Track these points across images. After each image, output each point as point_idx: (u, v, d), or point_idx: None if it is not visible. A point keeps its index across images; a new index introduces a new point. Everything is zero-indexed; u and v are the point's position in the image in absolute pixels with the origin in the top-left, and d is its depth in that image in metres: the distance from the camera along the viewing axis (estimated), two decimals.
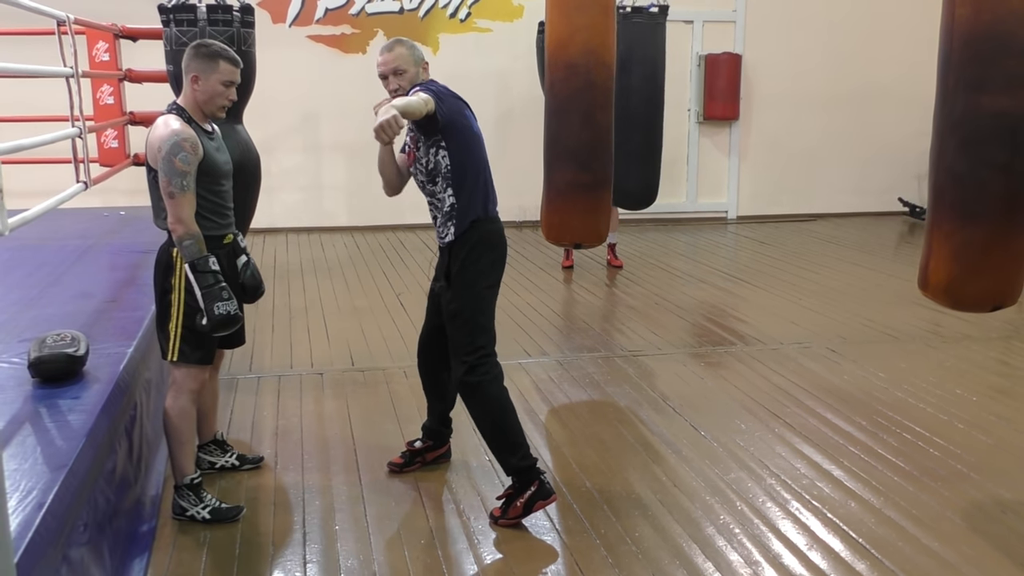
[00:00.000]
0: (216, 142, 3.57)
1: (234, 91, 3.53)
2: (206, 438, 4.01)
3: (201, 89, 3.46)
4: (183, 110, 3.47)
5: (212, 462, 4.02)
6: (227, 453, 4.06)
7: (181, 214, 3.35)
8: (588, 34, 5.30)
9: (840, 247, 9.38)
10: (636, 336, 6.17)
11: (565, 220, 5.65)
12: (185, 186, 3.35)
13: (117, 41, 6.88)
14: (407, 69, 3.57)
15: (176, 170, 3.32)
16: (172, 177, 3.33)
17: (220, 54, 3.48)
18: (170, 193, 3.34)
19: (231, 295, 3.42)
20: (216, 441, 4.05)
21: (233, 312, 3.40)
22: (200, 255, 3.37)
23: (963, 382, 5.21)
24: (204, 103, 3.47)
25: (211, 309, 3.36)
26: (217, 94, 3.47)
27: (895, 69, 10.75)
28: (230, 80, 3.49)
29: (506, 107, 10.17)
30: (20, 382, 3.30)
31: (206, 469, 3.96)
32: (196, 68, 3.45)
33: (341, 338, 6.08)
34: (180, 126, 3.38)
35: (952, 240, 3.69)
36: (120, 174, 6.85)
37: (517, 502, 3.56)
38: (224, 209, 3.59)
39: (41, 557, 2.27)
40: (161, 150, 3.33)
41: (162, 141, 3.33)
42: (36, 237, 5.72)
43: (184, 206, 3.35)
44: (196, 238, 3.37)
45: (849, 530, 3.54)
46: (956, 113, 3.61)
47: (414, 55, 3.59)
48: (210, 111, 3.51)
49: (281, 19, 9.89)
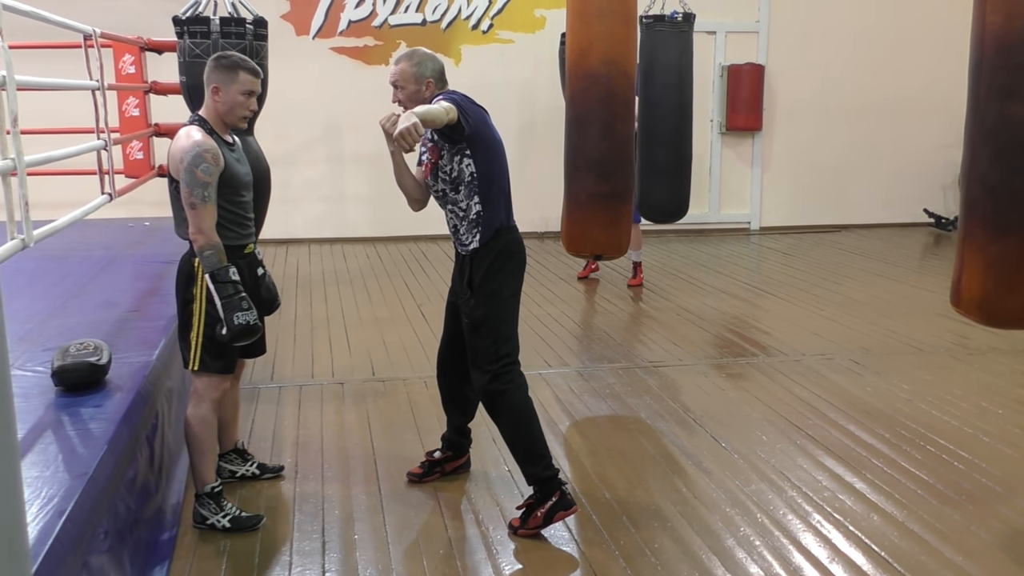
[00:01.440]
0: (237, 153, 3.60)
1: (254, 102, 3.56)
2: (227, 447, 4.03)
3: (222, 100, 3.49)
4: (205, 121, 3.50)
5: (233, 471, 4.04)
6: (248, 462, 4.07)
7: (202, 225, 3.38)
8: (609, 44, 5.31)
9: (864, 258, 9.31)
10: (657, 347, 6.15)
11: (585, 231, 5.65)
12: (206, 197, 3.37)
13: (143, 54, 6.96)
14: (406, 86, 3.57)
15: (198, 181, 3.35)
16: (194, 188, 3.35)
17: (240, 65, 3.50)
18: (191, 204, 3.37)
19: (251, 305, 3.43)
20: (237, 450, 4.07)
21: (253, 322, 3.41)
22: (220, 265, 3.39)
23: (989, 395, 5.15)
24: (225, 114, 3.50)
25: (231, 319, 3.37)
26: (237, 104, 3.50)
27: (920, 79, 10.68)
28: (250, 90, 3.51)
29: (528, 118, 10.20)
30: (43, 390, 3.33)
31: (227, 478, 3.98)
32: (216, 79, 3.48)
33: (362, 348, 6.10)
34: (202, 137, 3.41)
35: (985, 253, 3.58)
36: (145, 185, 6.92)
37: (538, 512, 3.54)
38: (244, 219, 3.62)
39: (61, 564, 2.29)
40: (183, 161, 3.36)
41: (184, 152, 3.36)
42: (61, 248, 5.78)
43: (205, 217, 3.38)
44: (216, 248, 3.39)
45: (871, 543, 3.50)
46: (988, 122, 3.51)
47: (417, 72, 3.56)
48: (231, 121, 3.53)
49: (305, 31, 9.97)
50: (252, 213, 3.68)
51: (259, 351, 3.89)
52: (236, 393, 4.04)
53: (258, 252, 3.79)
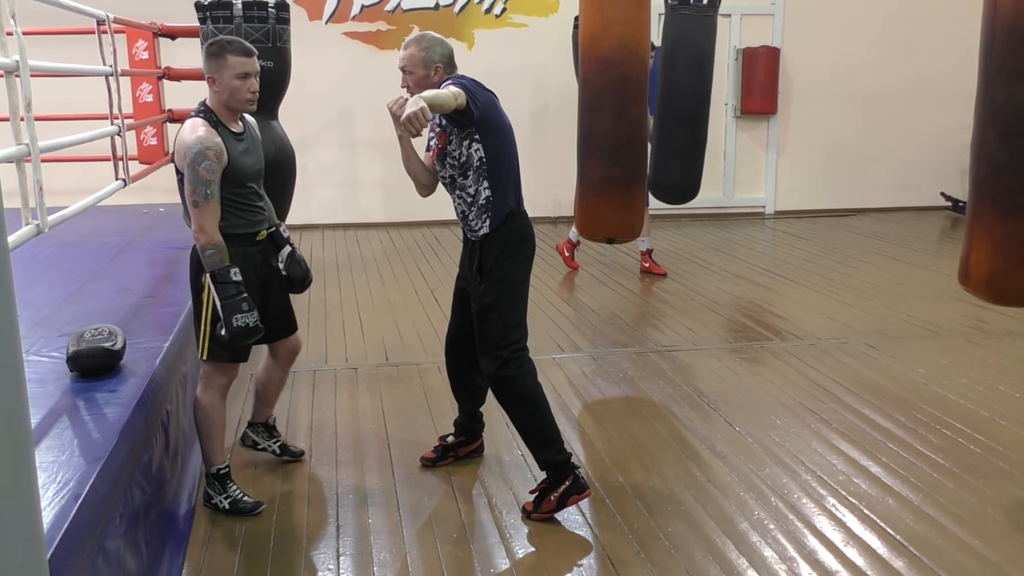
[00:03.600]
0: (245, 143, 3.54)
1: (254, 81, 3.47)
2: (259, 419, 4.08)
3: (219, 88, 3.44)
4: (211, 112, 3.46)
5: (256, 441, 4.08)
6: (272, 439, 4.10)
7: (204, 223, 3.35)
8: (622, 27, 5.28)
9: (880, 242, 9.25)
10: (671, 331, 6.14)
11: (598, 215, 5.64)
12: (209, 195, 3.35)
13: (156, 39, 6.97)
14: (414, 71, 3.56)
15: (200, 179, 3.33)
16: (196, 186, 3.33)
17: (226, 48, 3.42)
18: (194, 202, 3.34)
19: (252, 307, 3.40)
20: (266, 424, 4.10)
21: (252, 324, 3.39)
22: (221, 265, 3.36)
23: (1006, 378, 5.12)
24: (228, 101, 3.45)
25: (230, 321, 3.36)
26: (235, 89, 3.43)
27: (937, 62, 10.58)
28: (243, 72, 3.42)
29: (541, 102, 10.16)
30: (59, 376, 3.35)
31: (249, 446, 4.06)
32: (209, 69, 3.44)
33: (376, 333, 6.11)
34: (205, 132, 3.36)
35: (994, 233, 3.62)
36: (159, 171, 6.93)
37: (551, 496, 3.55)
38: (253, 207, 3.59)
39: (77, 547, 2.30)
40: (186, 157, 3.34)
41: (187, 148, 3.33)
42: (76, 234, 5.81)
43: (207, 215, 3.35)
44: (218, 248, 3.36)
45: (887, 527, 3.49)
46: (997, 104, 3.54)
47: (425, 57, 3.54)
48: (237, 107, 3.48)
49: (317, 16, 9.95)
50: (262, 201, 3.67)
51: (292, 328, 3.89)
52: (286, 376, 4.05)
53: (284, 231, 3.77)
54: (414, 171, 3.75)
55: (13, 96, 3.23)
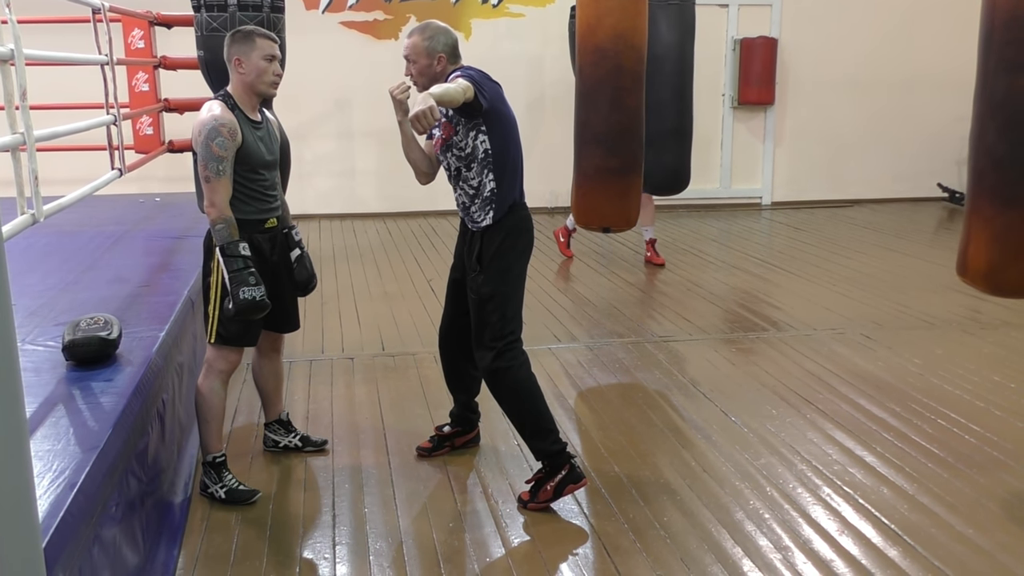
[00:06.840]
0: (262, 132, 3.61)
1: (278, 65, 3.57)
2: (271, 418, 4.10)
3: (246, 70, 3.50)
4: (229, 97, 3.52)
5: (276, 440, 4.09)
6: (291, 433, 4.11)
7: (215, 198, 3.41)
8: (618, 18, 5.27)
9: (876, 233, 9.26)
10: (667, 322, 6.14)
11: (595, 204, 5.64)
12: (221, 171, 3.39)
13: (152, 28, 6.94)
14: (418, 60, 3.55)
15: (212, 155, 3.38)
16: (208, 161, 3.39)
17: (255, 32, 3.54)
18: (206, 177, 3.41)
19: (259, 281, 3.44)
20: (280, 421, 4.11)
21: (259, 298, 3.42)
22: (230, 239, 3.42)
23: (1001, 369, 5.13)
24: (254, 82, 3.51)
25: (236, 293, 3.40)
26: (262, 70, 3.51)
27: (935, 53, 10.56)
28: (271, 54, 3.53)
29: (538, 92, 10.15)
30: (54, 365, 3.35)
31: (270, 447, 4.08)
32: (236, 51, 3.50)
33: (372, 323, 6.11)
34: (221, 111, 3.43)
35: (992, 225, 3.61)
36: (155, 161, 6.91)
37: (547, 486, 3.55)
38: (264, 196, 3.62)
39: (73, 536, 2.31)
40: (200, 134, 3.40)
41: (202, 126, 3.41)
42: (72, 223, 5.80)
43: (219, 190, 3.41)
44: (228, 222, 3.42)
45: (881, 516, 3.50)
46: (996, 96, 3.54)
47: (429, 46, 3.52)
48: (262, 90, 3.54)
49: (314, 6, 9.92)
50: (275, 191, 3.69)
51: (290, 326, 3.93)
52: (279, 366, 4.07)
53: (297, 234, 3.80)
54: (414, 159, 3.74)
55: (8, 84, 3.22)
